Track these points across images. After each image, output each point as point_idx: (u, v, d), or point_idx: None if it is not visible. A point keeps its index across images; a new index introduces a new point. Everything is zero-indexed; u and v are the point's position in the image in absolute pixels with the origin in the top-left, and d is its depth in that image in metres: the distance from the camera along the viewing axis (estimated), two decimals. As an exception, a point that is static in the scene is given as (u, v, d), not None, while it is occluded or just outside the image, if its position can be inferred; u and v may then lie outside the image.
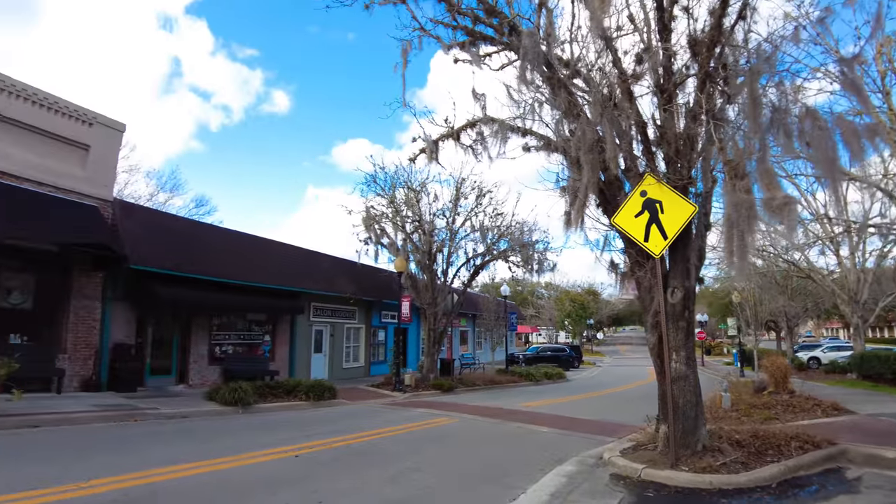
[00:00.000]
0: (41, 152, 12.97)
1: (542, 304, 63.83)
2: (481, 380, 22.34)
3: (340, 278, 22.11)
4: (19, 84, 12.63)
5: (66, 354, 12.89)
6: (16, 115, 12.51)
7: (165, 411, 11.45)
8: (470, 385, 20.81)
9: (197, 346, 16.50)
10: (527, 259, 22.69)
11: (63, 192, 13.20)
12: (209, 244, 17.23)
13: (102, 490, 5.66)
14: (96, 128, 14.08)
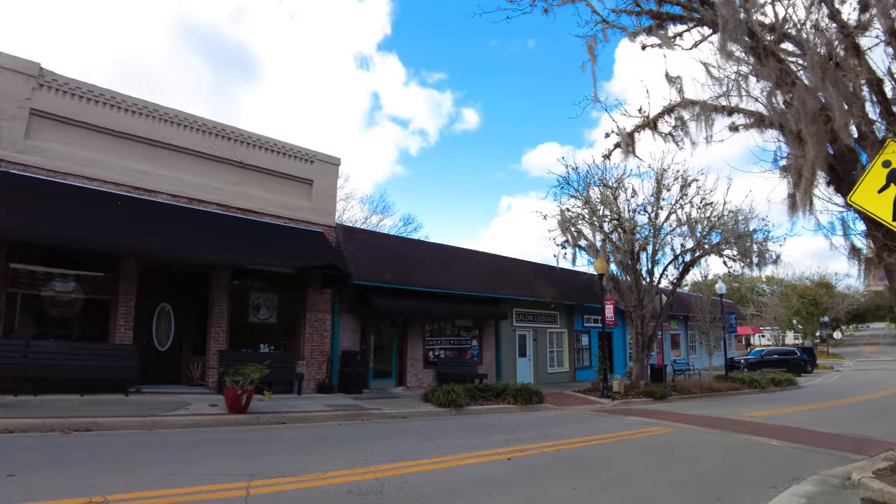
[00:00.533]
0: (275, 190, 15.14)
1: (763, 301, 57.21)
2: (697, 387, 20.62)
3: (539, 283, 22.23)
4: (254, 136, 14.92)
5: (303, 361, 14.81)
6: (253, 161, 14.77)
7: (388, 411, 12.52)
8: (684, 392, 19.34)
9: (413, 351, 17.85)
10: (744, 252, 20.35)
11: (295, 222, 15.28)
12: (418, 258, 18.56)
13: (337, 482, 6.25)
14: (317, 164, 16.09)
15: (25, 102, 11.75)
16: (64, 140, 12.21)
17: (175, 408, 10.57)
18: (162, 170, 13.27)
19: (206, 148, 14.03)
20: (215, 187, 14.03)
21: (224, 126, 14.41)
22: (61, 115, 12.19)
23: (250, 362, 11.31)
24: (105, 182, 12.43)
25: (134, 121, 13.03)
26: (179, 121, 13.67)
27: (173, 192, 13.30)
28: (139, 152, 13.07)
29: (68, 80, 12.32)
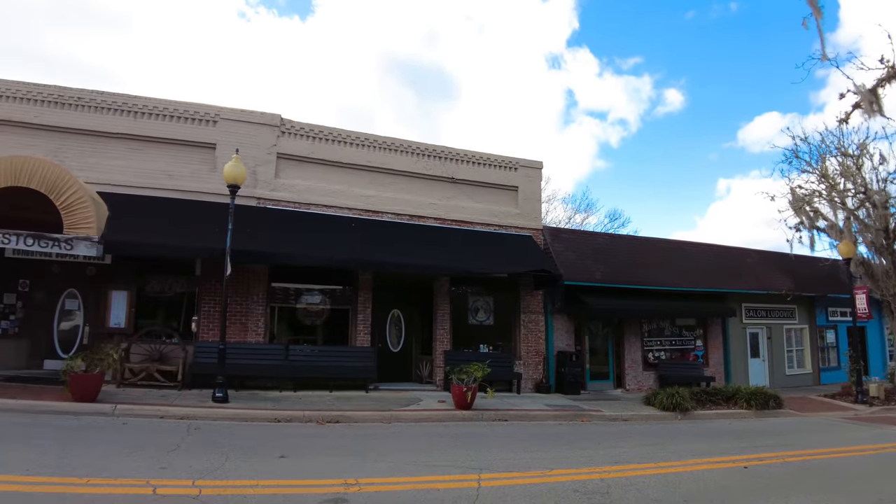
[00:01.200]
0: (483, 200, 15.70)
1: None
2: None
3: (771, 274, 19.88)
4: (461, 151, 15.61)
5: (520, 360, 15.13)
6: (462, 175, 15.50)
7: (608, 413, 12.30)
8: (972, 398, 15.97)
9: (630, 352, 17.24)
10: None
11: (504, 228, 15.73)
12: (629, 254, 17.80)
13: (562, 479, 6.32)
14: (520, 170, 16.38)
15: (273, 149, 13.88)
16: (304, 176, 14.14)
17: (408, 403, 11.61)
18: (385, 192, 14.68)
19: (421, 168, 15.17)
20: (431, 203, 15.11)
21: (434, 147, 15.43)
22: (300, 155, 14.14)
23: (472, 361, 11.92)
24: (339, 208, 14.12)
25: (358, 152, 14.60)
26: (395, 147, 14.98)
27: (396, 211, 14.63)
28: (365, 179, 14.61)
29: (303, 125, 14.25)
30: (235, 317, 12.87)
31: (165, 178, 13.17)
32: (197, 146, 13.52)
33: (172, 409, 9.41)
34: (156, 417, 9.05)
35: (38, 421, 8.20)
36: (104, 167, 12.93)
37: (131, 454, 6.52)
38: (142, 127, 13.22)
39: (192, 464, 6.19)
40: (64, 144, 12.96)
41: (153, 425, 8.49)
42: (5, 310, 12.69)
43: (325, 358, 13.01)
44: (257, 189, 13.60)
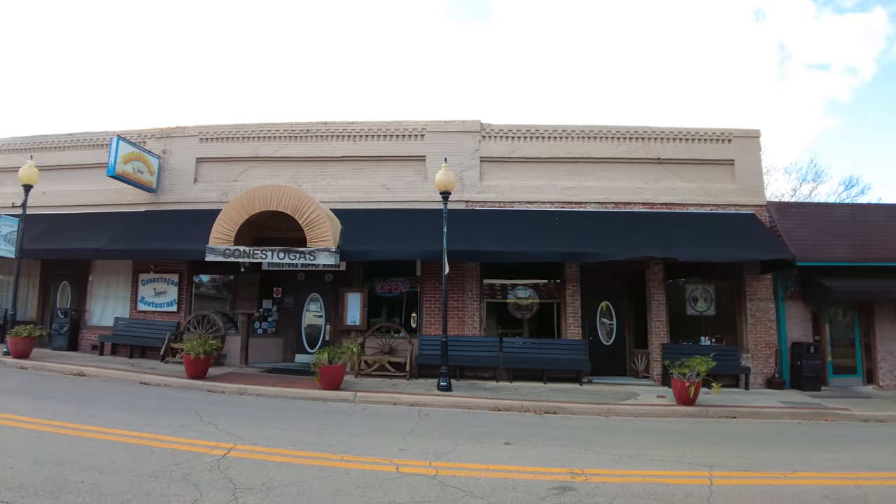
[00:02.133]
0: (694, 178, 14.64)
1: None
2: None
3: None
4: (665, 129, 14.74)
5: (747, 353, 13.85)
6: (669, 154, 14.61)
7: (858, 413, 10.73)
8: None
9: (884, 341, 14.70)
10: None
11: (721, 208, 14.59)
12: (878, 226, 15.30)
13: (807, 483, 5.79)
14: (734, 141, 14.95)
15: (475, 154, 14.55)
16: (505, 175, 14.59)
17: (625, 398, 11.39)
18: (587, 182, 14.51)
19: (623, 153, 14.68)
20: (637, 188, 14.56)
21: (636, 128, 14.79)
22: (501, 156, 14.64)
23: (692, 355, 11.35)
24: (542, 202, 14.33)
25: (556, 145, 14.62)
26: (595, 134, 14.69)
27: (599, 200, 14.38)
28: (565, 171, 14.59)
29: (501, 127, 14.68)
30: (453, 312, 13.80)
31: (384, 192, 14.55)
32: (409, 160, 14.74)
33: (403, 397, 10.48)
34: (389, 404, 10.18)
35: (294, 405, 9.80)
36: (333, 187, 14.71)
37: (373, 435, 7.48)
38: (361, 149, 14.81)
39: (427, 446, 6.90)
40: (300, 171, 15.01)
41: (388, 411, 9.56)
42: (264, 313, 15.12)
43: (536, 350, 13.35)
44: (464, 193, 14.37)
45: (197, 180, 15.80)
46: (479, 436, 7.72)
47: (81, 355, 14.52)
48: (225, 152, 15.70)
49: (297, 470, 5.63)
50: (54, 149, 17.21)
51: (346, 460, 6.08)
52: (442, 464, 6.07)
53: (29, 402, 8.58)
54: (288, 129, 15.28)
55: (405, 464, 6.02)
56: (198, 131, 16.00)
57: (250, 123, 15.66)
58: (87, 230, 15.16)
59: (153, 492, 4.76)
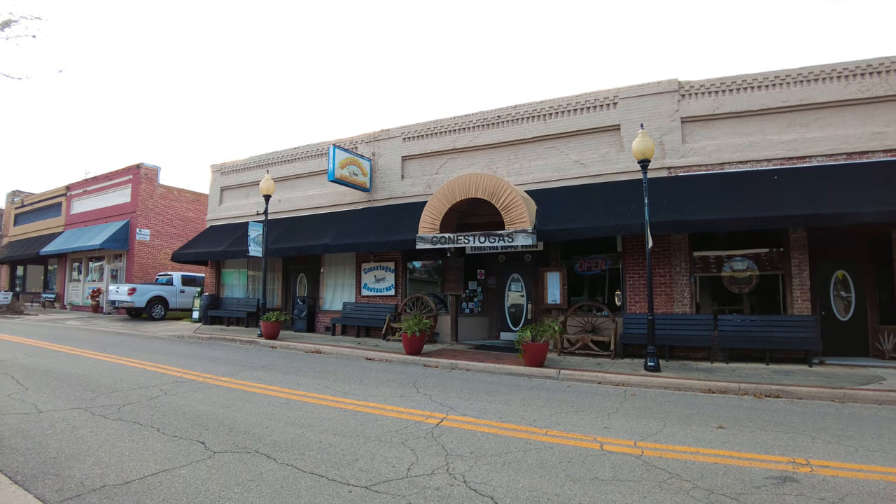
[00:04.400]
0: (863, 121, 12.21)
1: None
2: None
3: None
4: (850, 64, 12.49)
5: None
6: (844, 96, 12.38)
7: None
8: None
9: None
10: None
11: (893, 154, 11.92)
12: None
13: None
14: None
15: (675, 115, 13.64)
16: (711, 135, 13.47)
17: (866, 382, 9.88)
18: (809, 133, 12.78)
19: (853, 93, 12.59)
20: (875, 133, 12.41)
21: (868, 61, 12.58)
22: (705, 114, 13.50)
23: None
24: (756, 161, 12.97)
25: (769, 94, 13.08)
26: (815, 75, 12.83)
27: (827, 153, 12.57)
28: (782, 123, 13.01)
29: (703, 82, 13.55)
30: (660, 288, 13.23)
31: (578, 168, 14.42)
32: (602, 131, 14.40)
33: (608, 376, 10.36)
34: (594, 383, 10.17)
35: (500, 380, 10.34)
36: (526, 169, 14.98)
37: (577, 413, 7.59)
38: (551, 127, 14.83)
39: (632, 426, 6.81)
40: (495, 157, 15.54)
41: (592, 389, 9.57)
42: (470, 294, 15.99)
43: (756, 328, 12.18)
44: (665, 159, 13.64)
45: (403, 177, 17.21)
46: (689, 418, 7.41)
47: (318, 336, 16.85)
48: (425, 148, 16.86)
49: (504, 441, 6.04)
50: (285, 162, 20.04)
51: (550, 435, 6.35)
52: (648, 444, 6.01)
53: (279, 375, 10.28)
54: (480, 118, 15.88)
55: (609, 442, 6.09)
56: (400, 132, 17.40)
57: (445, 118, 16.60)
58: (316, 229, 17.43)
59: (377, 454, 5.53)
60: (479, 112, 15.99)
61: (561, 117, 14.79)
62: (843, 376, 10.51)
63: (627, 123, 13.88)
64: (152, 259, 29.24)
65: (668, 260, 13.34)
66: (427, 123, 16.95)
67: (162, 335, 17.41)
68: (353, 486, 4.62)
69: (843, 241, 12.73)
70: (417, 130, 17.08)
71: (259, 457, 5.35)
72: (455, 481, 4.78)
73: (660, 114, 13.81)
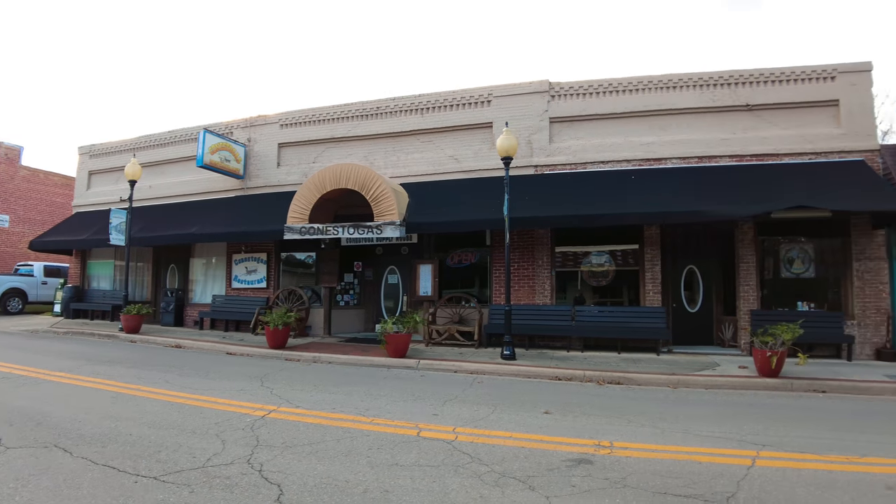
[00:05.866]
0: (790, 124, 13.48)
1: None
2: None
3: None
4: (754, 71, 13.59)
5: (853, 321, 12.70)
6: (760, 100, 13.54)
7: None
8: None
9: None
10: None
11: (822, 156, 13.30)
12: None
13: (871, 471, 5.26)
14: (839, 78, 13.50)
15: (545, 114, 14.37)
16: (577, 135, 14.29)
17: (702, 368, 10.92)
18: (666, 136, 13.85)
19: (706, 101, 13.80)
20: (723, 139, 13.66)
21: (720, 73, 13.83)
22: (573, 115, 14.33)
23: (785, 322, 10.63)
24: (617, 161, 13.91)
25: (632, 98, 14.05)
26: (674, 83, 13.92)
27: (681, 155, 13.68)
28: (643, 126, 14.02)
29: (572, 84, 14.33)
30: (523, 280, 13.88)
31: (453, 163, 14.83)
32: (476, 128, 14.91)
33: (465, 365, 10.84)
34: (450, 371, 10.61)
35: (359, 372, 10.54)
36: (404, 162, 15.22)
37: (415, 401, 7.91)
38: (428, 121, 15.15)
39: (462, 413, 7.19)
40: (373, 149, 15.66)
41: (445, 378, 9.98)
42: (346, 287, 16.05)
43: (611, 318, 13.14)
44: (533, 157, 14.29)
45: (280, 164, 16.94)
46: (523, 404, 7.85)
47: (184, 330, 16.27)
48: (303, 136, 16.69)
49: (323, 431, 6.18)
50: (158, 146, 19.17)
51: (376, 423, 6.56)
52: (467, 430, 6.33)
53: (123, 370, 9.92)
54: (359, 108, 15.92)
55: (430, 428, 6.36)
56: (278, 118, 17.10)
57: (324, 106, 16.50)
58: (186, 217, 16.82)
59: (184, 445, 5.53)
60: (359, 102, 16.02)
61: (438, 112, 15.11)
62: (684, 363, 11.51)
63: (499, 121, 14.40)
64: (12, 248, 27.04)
65: (532, 254, 14.01)
66: (306, 111, 16.77)
67: (13, 330, 16.21)
68: (142, 477, 4.59)
69: (695, 238, 13.91)
70: (296, 117, 16.85)
71: (56, 451, 5.19)
72: (251, 470, 4.85)
73: (530, 113, 14.45)
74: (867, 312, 12.79)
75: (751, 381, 9.89)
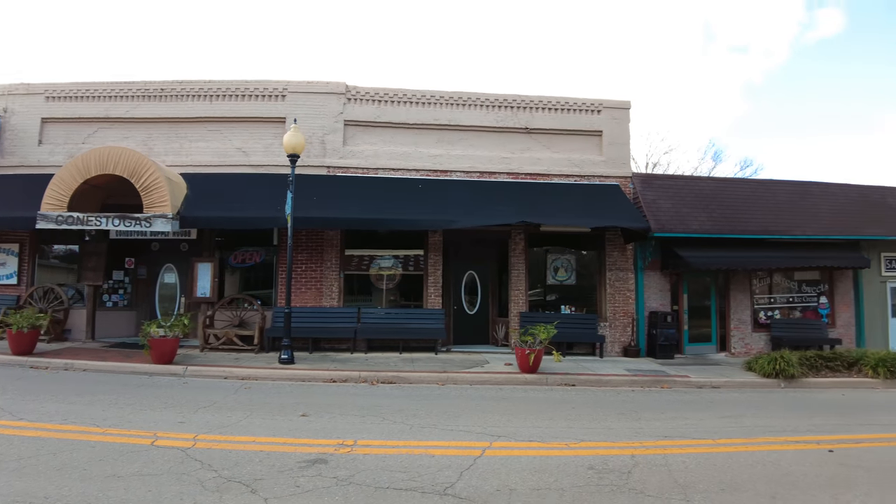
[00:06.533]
0: (561, 149, 15.17)
1: None
2: None
3: (928, 215, 17.12)
4: (535, 98, 15.14)
5: (605, 322, 14.64)
6: (537, 125, 15.07)
7: (695, 379, 11.48)
8: None
9: (737, 311, 15.87)
10: None
11: (586, 178, 15.11)
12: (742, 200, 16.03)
13: (585, 454, 5.92)
14: (604, 112, 15.47)
15: (340, 116, 14.49)
16: (371, 141, 14.62)
17: (472, 366, 11.79)
18: (454, 150, 14.74)
19: (491, 122, 14.95)
20: (503, 157, 14.88)
21: (505, 96, 15.07)
22: (367, 120, 14.66)
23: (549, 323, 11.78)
24: (407, 170, 14.49)
25: (424, 111, 14.75)
26: (464, 101, 14.88)
27: (465, 169, 14.64)
28: (433, 138, 14.77)
29: (368, 90, 14.65)
30: (311, 282, 13.82)
31: (241, 156, 14.30)
32: (268, 121, 14.51)
33: (237, 371, 10.48)
34: (219, 378, 10.19)
35: (114, 380, 9.68)
36: (187, 150, 14.34)
37: (165, 409, 7.51)
38: (217, 109, 14.44)
39: (212, 419, 6.97)
40: (153, 133, 14.54)
41: (211, 385, 9.57)
42: (115, 285, 14.68)
43: (395, 320, 13.64)
44: (326, 158, 14.31)
45: (42, 142, 15.01)
46: (283, 408, 7.78)
47: None
48: (73, 112, 14.96)
49: (40, 444, 5.62)
50: None
51: (108, 434, 6.11)
52: (210, 437, 6.14)
53: None
54: (141, 87, 14.70)
55: (168, 437, 6.07)
56: (44, 89, 15.15)
57: (101, 82, 14.97)
58: None
59: None
60: (141, 82, 14.77)
61: (228, 101, 14.48)
62: (458, 362, 12.28)
63: (293, 118, 14.18)
64: None
65: (321, 255, 14.02)
66: (79, 84, 15.05)
67: None
68: None
69: (475, 246, 14.95)
70: (66, 90, 15.04)
71: None
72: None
73: (325, 113, 14.46)
74: (617, 315, 14.74)
75: (512, 377, 10.89)
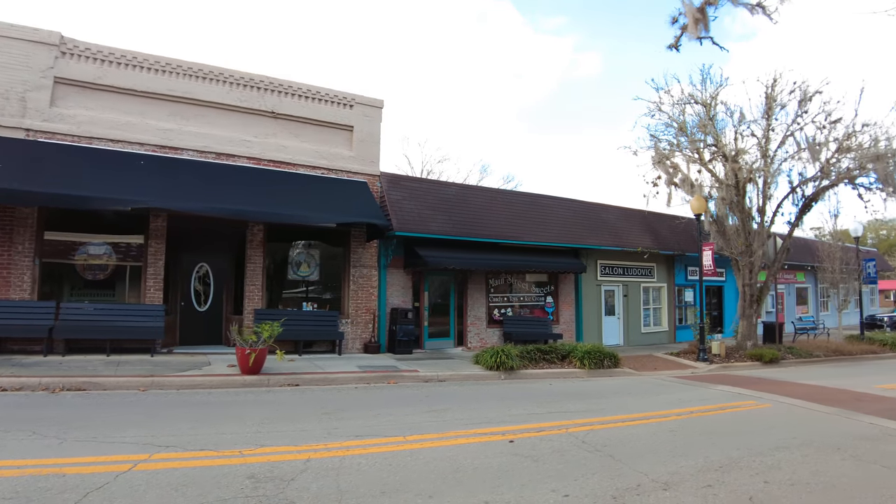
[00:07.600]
0: (311, 139, 14.85)
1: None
2: (822, 349, 18.09)
3: (631, 231, 20.31)
4: (286, 83, 14.62)
5: (348, 319, 14.61)
6: (286, 110, 14.55)
7: (423, 374, 11.85)
8: (804, 356, 17.06)
9: (474, 308, 17.06)
10: (885, 177, 16.79)
11: (334, 173, 14.93)
12: (481, 206, 17.41)
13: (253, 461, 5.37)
14: (357, 108, 15.52)
15: (49, 72, 12.33)
16: (88, 105, 12.71)
17: (189, 368, 10.74)
18: (188, 126, 13.46)
19: (234, 100, 14.00)
20: (245, 140, 14.01)
21: (251, 75, 14.27)
22: (85, 80, 12.69)
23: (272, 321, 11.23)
24: (130, 143, 12.83)
25: (157, 79, 13.26)
26: (203, 74, 13.72)
27: (199, 149, 13.46)
28: (165, 111, 13.34)
29: (90, 45, 12.76)
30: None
31: None
32: (-54, 66, 11.76)
33: None
34: None
35: None
36: None
37: None
38: None
39: None
40: None
41: None
42: None
43: (104, 317, 11.92)
44: (27, 119, 12.10)
45: None
46: None
47: None
48: None
49: None
50: None
51: None
52: None
53: None
54: None
55: None
56: None
57: None
58: None
59: None
60: None
61: None
62: (175, 364, 11.09)
63: (-15, 65, 11.80)
64: None
65: (10, 238, 11.78)
66: None
67: None
68: None
69: (208, 236, 13.84)
70: None
71: None
72: None
73: (31, 65, 12.20)
74: (359, 312, 14.76)
75: (230, 380, 10.12)
